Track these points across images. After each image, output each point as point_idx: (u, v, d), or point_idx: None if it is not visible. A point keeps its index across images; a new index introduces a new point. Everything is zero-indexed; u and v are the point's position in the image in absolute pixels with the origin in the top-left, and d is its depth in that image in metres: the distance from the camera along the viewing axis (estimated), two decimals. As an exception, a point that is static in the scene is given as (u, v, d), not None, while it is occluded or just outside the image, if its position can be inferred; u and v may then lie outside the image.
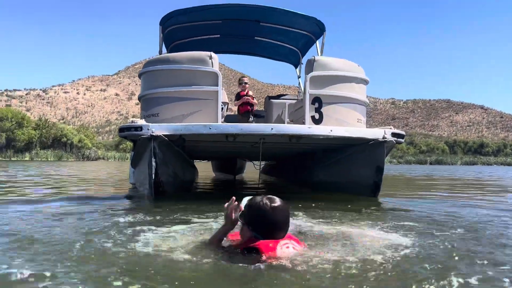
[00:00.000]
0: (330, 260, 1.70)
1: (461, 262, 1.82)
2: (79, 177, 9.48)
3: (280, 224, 1.64)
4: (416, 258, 1.87)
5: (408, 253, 1.95)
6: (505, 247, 2.16)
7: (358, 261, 1.74)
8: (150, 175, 4.51)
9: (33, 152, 47.02)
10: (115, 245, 2.10)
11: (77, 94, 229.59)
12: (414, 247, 2.10)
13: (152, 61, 5.27)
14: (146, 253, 1.94)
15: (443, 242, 2.22)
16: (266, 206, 1.62)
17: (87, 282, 1.49)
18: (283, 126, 4.67)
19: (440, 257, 1.91)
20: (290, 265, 1.59)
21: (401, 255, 1.88)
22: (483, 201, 4.64)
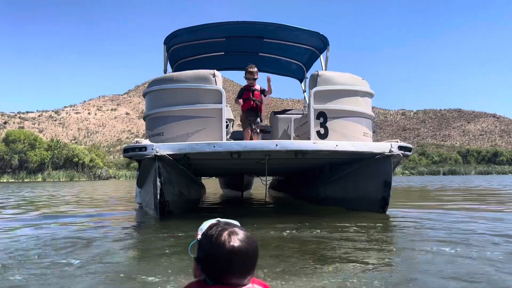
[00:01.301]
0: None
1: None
2: (88, 196, 9.51)
3: (236, 268, 1.10)
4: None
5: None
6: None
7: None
8: (155, 195, 4.48)
9: (45, 173, 47.55)
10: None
11: (88, 114, 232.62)
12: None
13: (156, 80, 5.29)
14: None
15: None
16: (221, 242, 1.09)
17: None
18: (287, 142, 4.62)
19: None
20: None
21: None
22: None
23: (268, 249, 2.59)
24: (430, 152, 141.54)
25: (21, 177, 44.97)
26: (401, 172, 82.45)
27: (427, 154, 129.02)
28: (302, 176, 7.53)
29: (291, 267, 2.06)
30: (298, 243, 2.81)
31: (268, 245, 2.74)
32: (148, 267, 2.16)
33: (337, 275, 1.89)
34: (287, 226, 3.58)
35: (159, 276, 1.97)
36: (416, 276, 1.87)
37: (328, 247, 2.61)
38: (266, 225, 3.72)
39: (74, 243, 2.89)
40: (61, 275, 2.00)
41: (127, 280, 1.93)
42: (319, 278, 1.85)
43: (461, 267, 1.99)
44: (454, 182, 19.61)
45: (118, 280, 1.91)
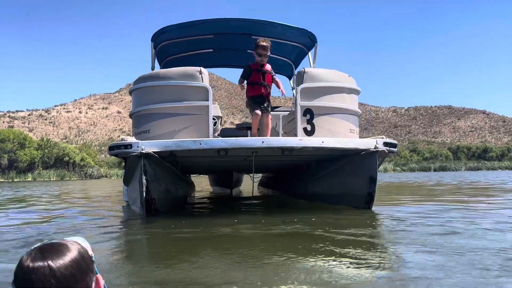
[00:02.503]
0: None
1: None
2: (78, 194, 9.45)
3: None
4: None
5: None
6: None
7: None
8: (141, 193, 4.46)
9: (35, 172, 47.09)
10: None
11: (79, 113, 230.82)
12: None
13: (142, 77, 5.26)
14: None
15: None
16: (21, 262, 0.82)
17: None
18: (274, 139, 4.62)
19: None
20: None
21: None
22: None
23: (253, 245, 2.59)
24: (421, 148, 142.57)
25: (11, 177, 44.49)
26: (393, 169, 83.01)
27: (418, 151, 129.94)
28: (290, 172, 7.54)
29: (272, 265, 2.07)
30: (279, 240, 2.82)
31: (251, 241, 2.74)
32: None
33: (321, 273, 1.89)
34: (271, 222, 3.59)
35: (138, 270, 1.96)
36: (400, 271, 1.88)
37: (310, 243, 2.61)
38: (250, 221, 3.73)
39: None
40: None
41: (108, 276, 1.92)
42: (305, 274, 1.85)
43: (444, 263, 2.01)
44: (446, 178, 19.80)
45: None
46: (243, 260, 2.14)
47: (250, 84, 4.93)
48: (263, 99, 4.92)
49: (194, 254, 2.34)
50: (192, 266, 2.01)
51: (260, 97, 4.91)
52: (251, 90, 4.95)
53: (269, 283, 1.69)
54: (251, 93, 4.95)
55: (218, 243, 2.76)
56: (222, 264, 2.04)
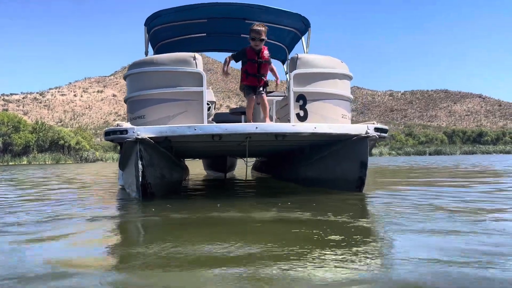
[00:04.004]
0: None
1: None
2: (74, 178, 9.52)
3: None
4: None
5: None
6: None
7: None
8: (137, 178, 4.54)
9: (30, 156, 47.06)
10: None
11: (74, 96, 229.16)
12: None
13: (136, 63, 5.28)
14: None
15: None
16: None
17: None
18: (267, 125, 4.69)
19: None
20: None
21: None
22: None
23: (243, 228, 2.69)
24: (417, 132, 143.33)
25: (6, 160, 44.45)
26: (388, 153, 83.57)
27: (413, 135, 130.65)
28: (284, 157, 7.64)
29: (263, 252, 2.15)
30: (269, 223, 2.91)
31: (243, 225, 2.83)
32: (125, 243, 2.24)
33: (313, 259, 1.98)
34: (263, 205, 3.68)
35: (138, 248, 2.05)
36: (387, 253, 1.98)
37: (297, 226, 2.71)
38: (241, 205, 3.82)
39: (49, 220, 2.94)
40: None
41: (108, 256, 2.01)
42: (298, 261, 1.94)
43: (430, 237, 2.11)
44: (440, 161, 20.01)
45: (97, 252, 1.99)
46: (231, 240, 2.23)
47: (245, 73, 4.94)
48: (257, 89, 4.98)
49: (184, 236, 2.43)
50: (179, 248, 2.10)
51: (255, 87, 4.98)
52: (245, 79, 4.97)
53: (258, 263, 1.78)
54: (246, 82, 4.98)
55: (208, 225, 2.85)
56: (211, 244, 2.13)
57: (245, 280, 1.57)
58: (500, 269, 1.63)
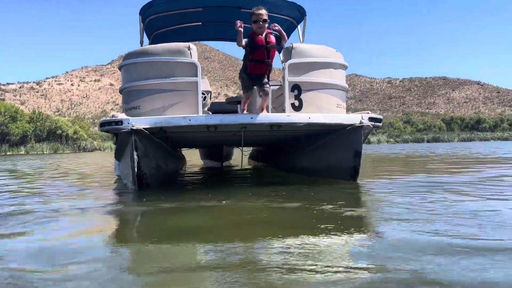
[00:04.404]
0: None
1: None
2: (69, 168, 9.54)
3: None
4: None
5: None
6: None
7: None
8: (133, 168, 4.56)
9: (28, 145, 47.00)
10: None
11: (71, 86, 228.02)
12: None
13: (130, 53, 5.26)
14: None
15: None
16: None
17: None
18: (262, 115, 4.70)
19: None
20: None
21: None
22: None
23: (239, 216, 2.72)
24: (415, 120, 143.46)
25: (4, 150, 44.40)
26: (386, 140, 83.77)
27: (412, 122, 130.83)
28: (280, 147, 7.66)
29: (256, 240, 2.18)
30: (264, 211, 2.94)
31: (236, 212, 2.86)
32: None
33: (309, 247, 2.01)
34: (259, 195, 3.71)
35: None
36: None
37: (293, 214, 2.74)
38: (237, 193, 3.85)
39: (46, 212, 2.97)
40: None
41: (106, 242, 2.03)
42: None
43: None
44: (435, 149, 20.06)
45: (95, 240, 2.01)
46: (225, 229, 2.26)
47: (253, 62, 4.58)
48: (263, 76, 4.71)
49: (180, 226, 2.46)
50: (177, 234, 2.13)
51: (262, 75, 4.69)
52: (252, 68, 4.61)
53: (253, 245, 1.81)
54: (253, 71, 4.65)
55: (204, 214, 2.88)
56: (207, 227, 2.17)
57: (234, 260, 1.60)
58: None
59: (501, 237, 1.99)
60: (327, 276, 1.51)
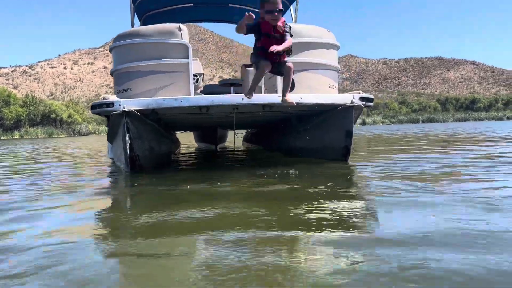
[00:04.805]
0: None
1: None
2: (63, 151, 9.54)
3: None
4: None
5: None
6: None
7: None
8: (125, 150, 4.57)
9: (22, 130, 46.74)
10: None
11: (65, 69, 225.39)
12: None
13: (121, 35, 5.21)
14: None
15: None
16: None
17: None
18: (254, 96, 4.70)
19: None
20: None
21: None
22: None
23: (232, 199, 2.75)
24: (410, 100, 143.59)
25: (-2, 135, 44.20)
26: (381, 121, 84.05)
27: (407, 103, 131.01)
28: (273, 128, 7.68)
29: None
30: (258, 195, 2.98)
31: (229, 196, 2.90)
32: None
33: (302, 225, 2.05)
34: (251, 176, 3.75)
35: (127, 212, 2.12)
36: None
37: (284, 196, 2.78)
38: (230, 176, 3.89)
39: (42, 193, 2.99)
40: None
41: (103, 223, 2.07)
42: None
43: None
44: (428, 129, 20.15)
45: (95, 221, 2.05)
46: (215, 211, 2.30)
47: (261, 50, 3.81)
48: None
49: (173, 207, 2.50)
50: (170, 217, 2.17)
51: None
52: (262, 55, 3.82)
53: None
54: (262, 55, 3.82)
55: (197, 200, 2.92)
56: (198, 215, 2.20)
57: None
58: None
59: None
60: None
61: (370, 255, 1.46)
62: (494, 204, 2.19)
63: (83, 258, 1.56)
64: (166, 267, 1.45)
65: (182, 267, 1.46)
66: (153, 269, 1.42)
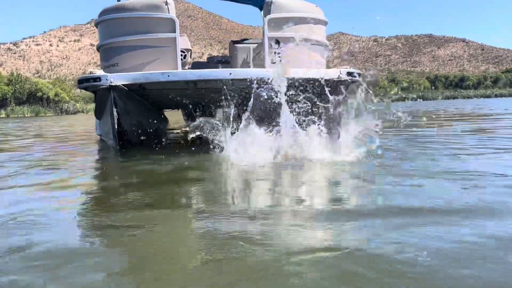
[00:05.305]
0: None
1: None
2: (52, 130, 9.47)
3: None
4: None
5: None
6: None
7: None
8: (113, 125, 4.57)
9: (8, 108, 45.99)
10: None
11: (50, 46, 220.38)
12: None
13: (106, 9, 5.13)
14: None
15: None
16: None
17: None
18: (241, 71, 4.70)
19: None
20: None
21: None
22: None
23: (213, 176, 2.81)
24: (401, 78, 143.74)
25: (-16, 114, 43.45)
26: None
27: (397, 81, 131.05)
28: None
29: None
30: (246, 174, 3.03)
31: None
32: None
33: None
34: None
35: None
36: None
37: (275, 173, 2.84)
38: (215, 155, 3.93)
39: (30, 168, 3.01)
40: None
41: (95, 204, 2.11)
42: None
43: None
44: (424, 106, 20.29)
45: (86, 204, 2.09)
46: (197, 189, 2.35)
47: None
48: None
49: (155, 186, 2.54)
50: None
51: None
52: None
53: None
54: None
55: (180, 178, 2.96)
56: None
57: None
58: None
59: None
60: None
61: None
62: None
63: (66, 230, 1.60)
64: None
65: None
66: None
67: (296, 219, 1.60)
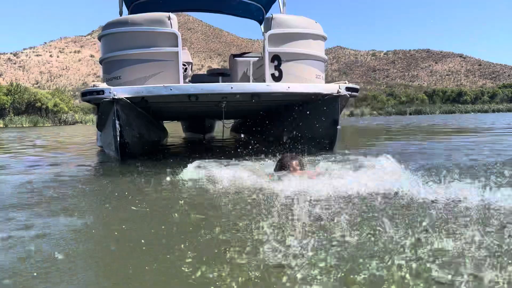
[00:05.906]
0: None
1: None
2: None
3: None
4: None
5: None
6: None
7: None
8: (115, 137, 4.63)
9: (7, 118, 45.99)
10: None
11: (50, 57, 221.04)
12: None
13: (110, 23, 5.23)
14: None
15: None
16: None
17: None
18: (242, 85, 4.79)
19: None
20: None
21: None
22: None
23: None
24: (398, 92, 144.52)
25: (-18, 124, 43.40)
26: (369, 113, 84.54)
27: (395, 95, 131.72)
28: (261, 117, 7.78)
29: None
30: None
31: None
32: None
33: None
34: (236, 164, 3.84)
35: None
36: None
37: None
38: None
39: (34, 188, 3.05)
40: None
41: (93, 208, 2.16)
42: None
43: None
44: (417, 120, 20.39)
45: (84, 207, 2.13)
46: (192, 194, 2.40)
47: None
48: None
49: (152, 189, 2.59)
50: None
51: None
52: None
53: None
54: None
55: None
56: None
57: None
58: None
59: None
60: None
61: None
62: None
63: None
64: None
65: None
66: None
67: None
